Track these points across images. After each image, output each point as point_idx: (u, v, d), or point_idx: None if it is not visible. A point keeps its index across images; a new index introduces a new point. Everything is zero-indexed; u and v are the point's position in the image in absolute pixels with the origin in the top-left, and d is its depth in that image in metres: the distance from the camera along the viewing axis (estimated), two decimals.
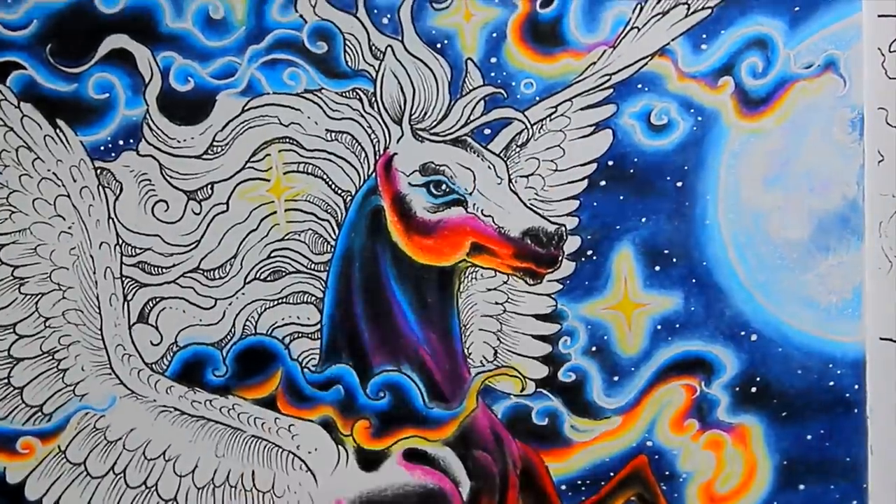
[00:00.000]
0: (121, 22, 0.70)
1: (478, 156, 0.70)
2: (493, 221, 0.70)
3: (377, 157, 0.70)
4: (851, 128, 0.71)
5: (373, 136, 0.70)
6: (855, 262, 0.73)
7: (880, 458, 0.76)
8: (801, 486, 0.74)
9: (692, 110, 0.70)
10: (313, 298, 0.71)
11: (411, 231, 0.70)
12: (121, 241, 0.71)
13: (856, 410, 0.74)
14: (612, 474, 0.75)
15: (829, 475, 0.74)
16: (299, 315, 0.71)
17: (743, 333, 0.73)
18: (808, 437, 0.74)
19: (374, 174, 0.70)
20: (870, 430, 0.75)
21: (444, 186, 0.70)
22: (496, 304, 0.73)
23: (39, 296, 0.72)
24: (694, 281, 0.72)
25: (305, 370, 0.72)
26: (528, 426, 0.73)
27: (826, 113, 0.70)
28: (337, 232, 0.71)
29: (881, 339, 0.75)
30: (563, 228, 0.71)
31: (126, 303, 0.72)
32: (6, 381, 0.72)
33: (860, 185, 0.72)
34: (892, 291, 0.73)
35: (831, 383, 0.74)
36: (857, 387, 0.74)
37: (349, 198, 0.71)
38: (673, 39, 0.70)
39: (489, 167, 0.70)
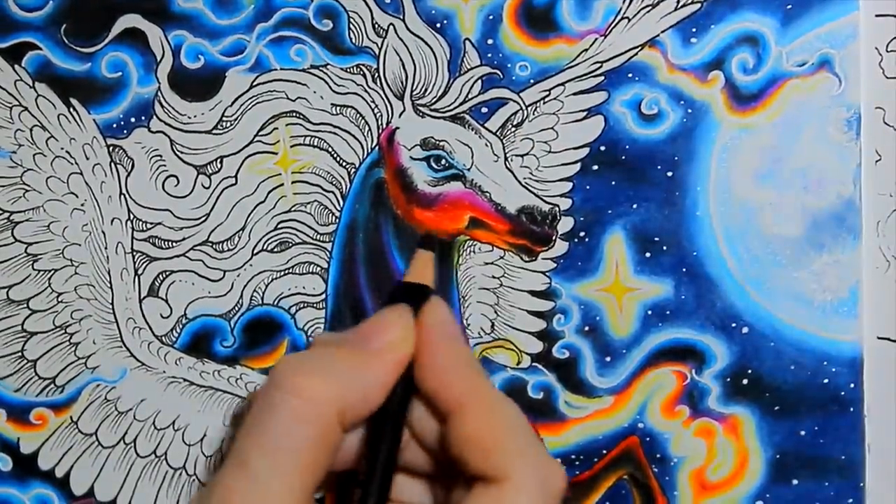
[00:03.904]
0: (134, 2, 0.72)
1: (475, 133, 0.72)
2: (490, 197, 0.72)
3: (380, 131, 0.72)
4: (847, 127, 0.71)
5: (376, 110, 0.71)
6: (851, 260, 0.72)
7: (878, 458, 0.74)
8: (795, 481, 0.73)
9: (682, 102, 0.71)
10: (319, 269, 0.72)
11: (413, 203, 0.72)
12: (132, 217, 0.73)
13: (851, 409, 0.73)
14: (604, 452, 0.74)
15: (823, 472, 0.73)
16: (305, 285, 0.72)
17: (734, 325, 0.72)
18: (802, 432, 0.73)
19: (377, 147, 0.72)
20: (868, 429, 0.74)
21: (443, 161, 0.71)
22: (493, 277, 0.74)
23: (52, 272, 0.73)
24: (684, 270, 0.72)
25: (311, 339, 0.73)
26: (524, 399, 0.73)
27: (820, 111, 0.71)
28: (341, 204, 0.72)
29: (879, 338, 0.74)
30: (557, 208, 0.72)
31: (137, 277, 0.73)
32: (20, 354, 0.73)
33: (857, 184, 0.71)
34: (890, 291, 0.73)
35: (825, 380, 0.73)
36: (852, 385, 0.73)
37: (353, 170, 0.72)
38: (662, 31, 0.71)
39: (486, 144, 0.72)
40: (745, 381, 0.73)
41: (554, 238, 0.73)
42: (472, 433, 0.53)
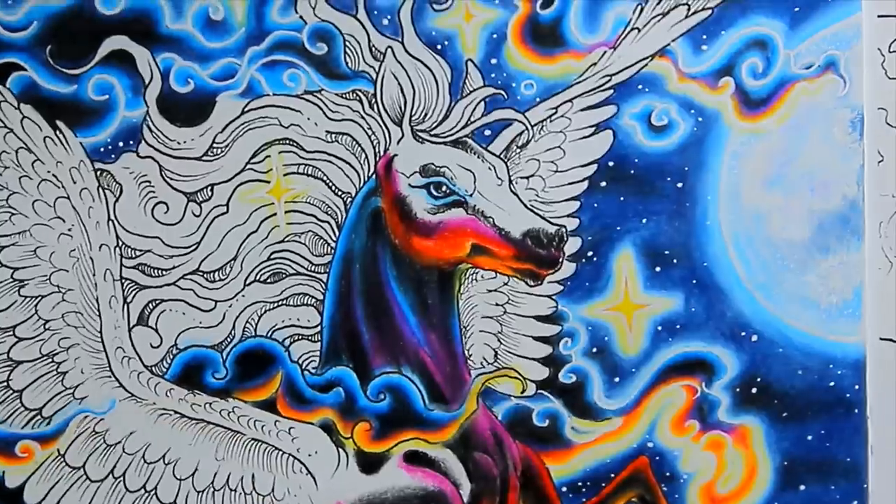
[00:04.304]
0: (121, 23, 0.70)
1: (478, 157, 0.70)
2: (494, 223, 0.70)
3: (377, 159, 0.70)
4: (851, 128, 0.71)
5: (373, 137, 0.70)
6: (855, 262, 0.73)
7: (881, 458, 0.76)
8: (802, 487, 0.75)
9: (692, 111, 0.70)
10: (313, 300, 0.71)
11: (412, 232, 0.70)
12: (121, 243, 0.71)
13: (856, 410, 0.74)
14: (612, 475, 0.75)
15: (829, 475, 0.75)
16: (299, 317, 0.71)
17: (743, 334, 0.73)
18: (809, 437, 0.74)
19: (374, 175, 0.71)
20: (870, 431, 0.75)
21: (444, 188, 0.70)
22: (496, 305, 0.73)
23: (39, 298, 0.72)
24: (695, 282, 0.73)
25: (305, 372, 0.72)
26: (529, 427, 0.73)
27: (826, 113, 0.71)
28: (337, 234, 0.71)
29: (881, 339, 0.75)
30: (564, 230, 0.71)
31: (126, 305, 0.72)
32: (5, 384, 0.72)
33: (860, 185, 0.72)
34: (892, 292, 0.73)
35: (832, 384, 0.74)
36: (857, 387, 0.74)
37: (349, 199, 0.71)
38: (673, 40, 0.71)
39: (489, 168, 0.70)
40: (754, 390, 0.74)
41: (560, 260, 0.71)
42: None
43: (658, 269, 0.72)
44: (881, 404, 0.75)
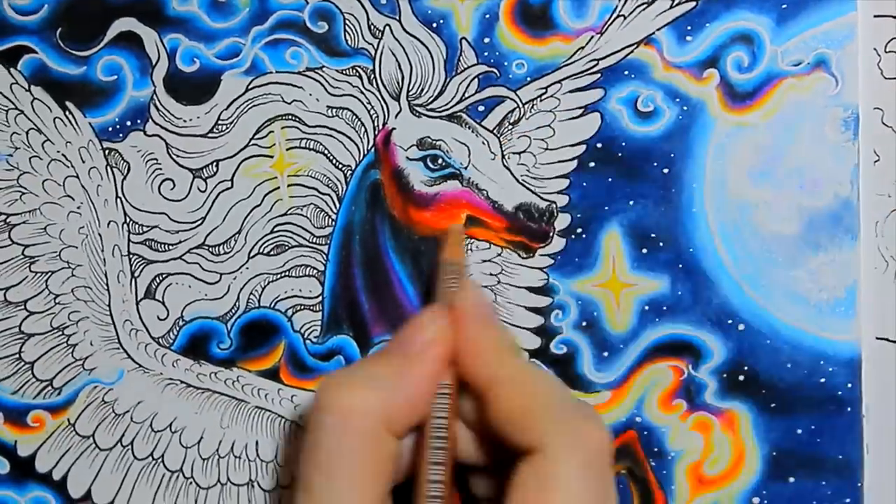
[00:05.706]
0: (129, 5, 0.72)
1: (472, 132, 0.71)
2: (488, 195, 0.72)
3: (376, 133, 0.71)
4: (845, 127, 0.70)
5: (372, 111, 0.71)
6: (848, 261, 0.72)
7: (877, 458, 0.74)
8: (791, 479, 0.73)
9: (678, 99, 0.70)
10: (315, 271, 0.72)
11: (409, 204, 0.71)
12: (128, 220, 0.73)
13: (849, 409, 0.72)
14: None
15: (820, 471, 0.73)
16: (301, 288, 0.72)
17: (730, 322, 0.72)
18: (799, 430, 0.73)
19: (373, 149, 0.72)
20: (866, 430, 0.73)
21: (440, 160, 0.71)
22: (491, 275, 0.73)
23: (50, 273, 0.73)
24: (680, 266, 0.72)
25: (307, 342, 0.72)
26: None
27: (817, 111, 0.70)
28: (338, 206, 0.72)
29: (877, 338, 0.74)
30: (554, 205, 0.72)
31: (134, 279, 0.73)
32: (17, 356, 0.73)
33: (854, 184, 0.71)
34: (888, 291, 0.72)
35: (822, 380, 0.72)
36: (850, 385, 0.72)
37: (349, 172, 0.72)
38: (658, 29, 0.71)
39: (483, 143, 0.72)
40: (741, 378, 0.73)
41: (551, 234, 0.72)
42: (504, 407, 0.54)
43: (645, 250, 0.72)
44: (878, 404, 0.74)
